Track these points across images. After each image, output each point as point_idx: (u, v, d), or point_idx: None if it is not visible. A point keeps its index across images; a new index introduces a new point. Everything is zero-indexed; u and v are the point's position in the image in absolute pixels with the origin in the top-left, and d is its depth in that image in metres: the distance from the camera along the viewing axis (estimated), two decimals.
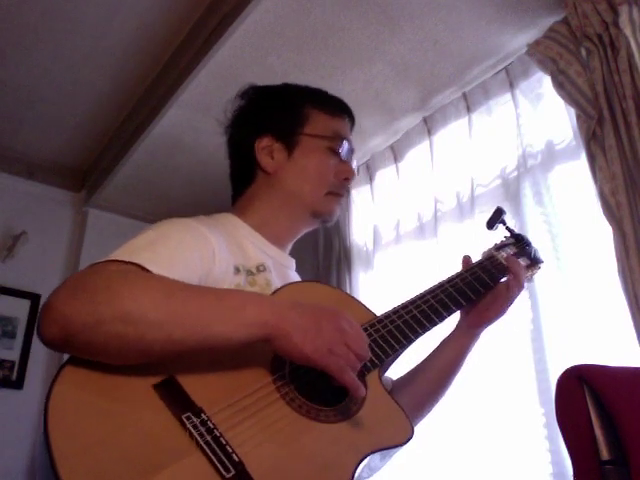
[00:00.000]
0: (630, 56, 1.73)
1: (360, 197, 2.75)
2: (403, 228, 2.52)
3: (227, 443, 0.78)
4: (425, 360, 1.21)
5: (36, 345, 2.90)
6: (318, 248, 2.85)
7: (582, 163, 1.87)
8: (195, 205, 3.21)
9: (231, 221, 1.14)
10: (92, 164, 3.20)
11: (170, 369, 0.84)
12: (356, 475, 0.83)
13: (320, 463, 0.83)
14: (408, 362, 1.21)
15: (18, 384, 2.82)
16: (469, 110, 2.34)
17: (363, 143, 2.62)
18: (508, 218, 1.29)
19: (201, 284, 0.93)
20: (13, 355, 2.84)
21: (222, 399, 0.83)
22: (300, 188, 1.15)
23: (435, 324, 1.08)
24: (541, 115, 2.10)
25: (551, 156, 2.04)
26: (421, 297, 1.11)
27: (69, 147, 3.06)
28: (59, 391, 0.76)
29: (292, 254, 1.22)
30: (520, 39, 2.14)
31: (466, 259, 1.25)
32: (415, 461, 2.05)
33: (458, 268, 1.23)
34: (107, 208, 3.26)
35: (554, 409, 1.08)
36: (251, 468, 0.77)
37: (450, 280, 1.16)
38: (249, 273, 1.04)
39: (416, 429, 0.93)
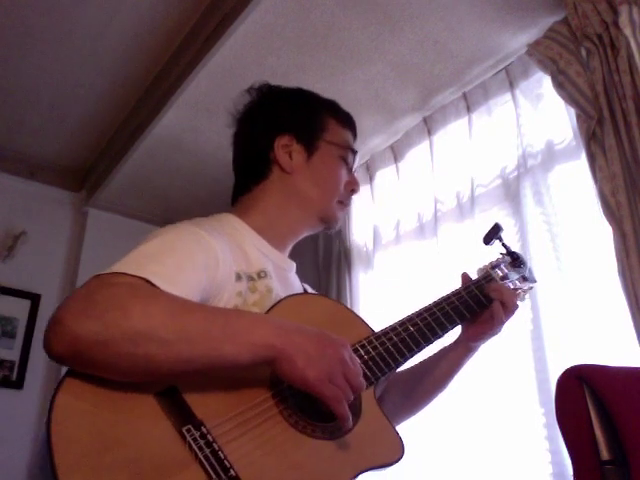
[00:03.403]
0: (630, 56, 1.73)
1: (360, 197, 2.73)
2: (403, 228, 2.52)
3: (225, 458, 0.80)
4: (421, 367, 1.24)
5: (36, 345, 2.90)
6: (318, 248, 2.85)
7: (582, 163, 1.87)
8: (195, 205, 3.22)
9: (232, 223, 1.12)
10: (92, 164, 3.19)
11: (172, 379, 0.85)
12: None
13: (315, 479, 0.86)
14: None
15: (18, 384, 2.82)
16: (469, 110, 2.34)
17: (363, 143, 2.62)
18: (508, 218, 1.29)
19: (205, 293, 0.94)
20: (13, 355, 2.84)
21: (222, 412, 0.85)
22: (314, 192, 1.17)
23: (431, 342, 1.10)
24: (541, 115, 2.10)
25: (551, 156, 2.03)
26: (418, 314, 1.12)
27: (69, 147, 3.06)
28: (62, 401, 0.77)
29: (292, 254, 1.22)
30: (520, 39, 2.14)
31: (464, 276, 1.27)
32: (415, 461, 2.05)
33: (458, 269, 1.23)
34: (107, 208, 3.26)
35: (554, 409, 1.08)
36: None
37: (447, 298, 1.18)
38: (250, 279, 1.03)
39: (416, 428, 0.95)
